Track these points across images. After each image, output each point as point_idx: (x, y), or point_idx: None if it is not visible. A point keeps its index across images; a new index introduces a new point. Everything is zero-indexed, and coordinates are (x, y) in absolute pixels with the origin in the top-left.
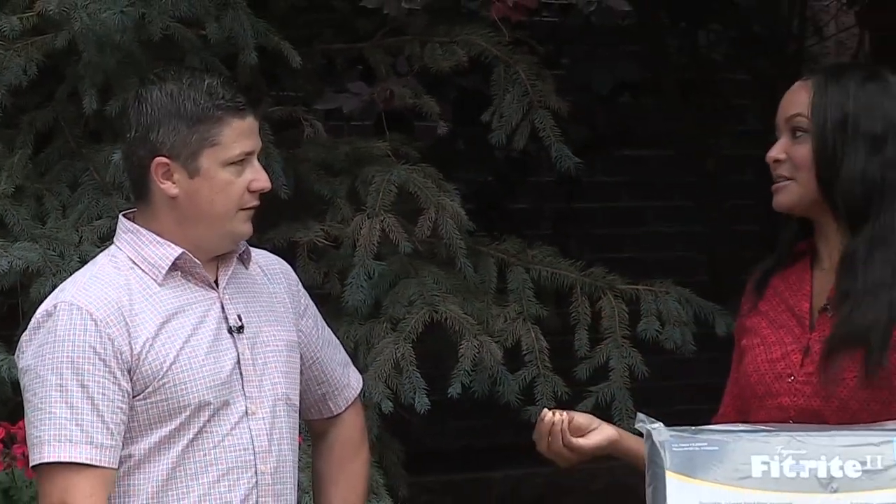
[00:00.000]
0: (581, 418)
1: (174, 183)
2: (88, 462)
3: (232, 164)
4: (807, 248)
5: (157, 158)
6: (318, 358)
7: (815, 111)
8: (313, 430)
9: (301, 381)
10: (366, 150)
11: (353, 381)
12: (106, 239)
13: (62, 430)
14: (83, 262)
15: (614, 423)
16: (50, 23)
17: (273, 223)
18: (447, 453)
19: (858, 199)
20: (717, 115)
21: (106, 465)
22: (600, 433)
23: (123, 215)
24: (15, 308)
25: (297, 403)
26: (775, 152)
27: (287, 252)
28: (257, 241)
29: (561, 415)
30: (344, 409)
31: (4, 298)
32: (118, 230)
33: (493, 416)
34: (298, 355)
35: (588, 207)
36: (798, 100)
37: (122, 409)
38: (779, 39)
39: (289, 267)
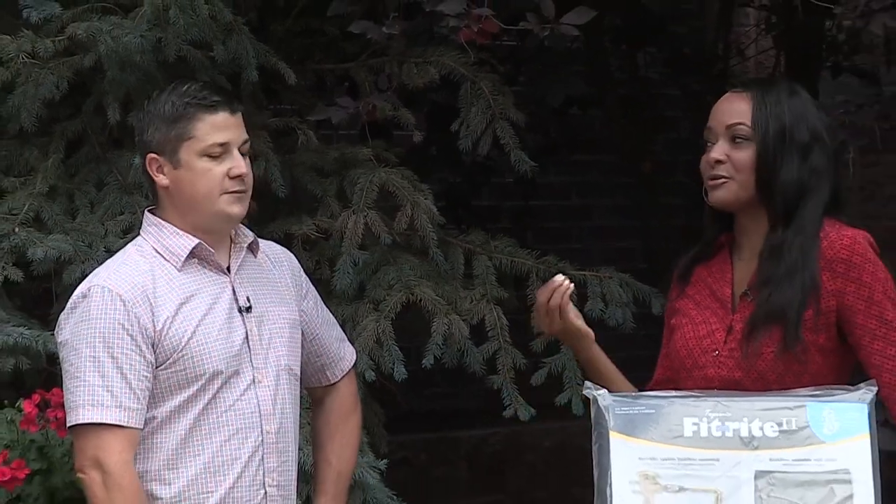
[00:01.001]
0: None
1: (164, 175)
2: (118, 423)
3: (207, 154)
4: (726, 241)
5: (149, 155)
6: (317, 334)
7: (758, 122)
8: (313, 396)
9: (302, 354)
10: (352, 156)
11: (347, 355)
12: (128, 232)
13: (95, 395)
14: (108, 252)
15: (564, 391)
16: (79, 45)
17: (272, 217)
18: (422, 416)
19: (791, 198)
20: (653, 126)
21: (133, 426)
22: (584, 324)
23: (148, 211)
24: (49, 291)
25: (299, 373)
26: (717, 154)
27: (284, 243)
28: (259, 232)
29: (569, 284)
30: (339, 378)
31: (40, 283)
32: (143, 223)
33: (461, 383)
34: (300, 332)
35: (542, 205)
36: (738, 109)
37: (146, 377)
38: (706, 60)
39: (292, 256)
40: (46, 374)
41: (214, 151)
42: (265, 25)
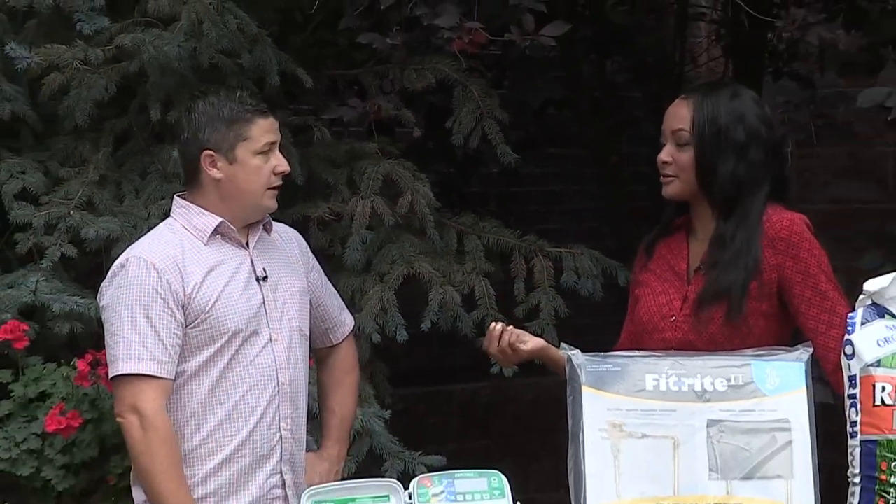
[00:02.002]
0: (519, 331)
1: (218, 169)
2: (152, 374)
3: (260, 153)
4: (683, 222)
5: (205, 151)
6: (321, 302)
7: (695, 127)
8: (318, 356)
9: (310, 319)
10: (360, 149)
11: (347, 321)
12: (168, 214)
13: (132, 350)
14: None
15: None
16: (125, 53)
17: (292, 202)
18: (420, 372)
19: (729, 194)
20: (619, 124)
21: (165, 377)
22: (533, 342)
23: (177, 195)
24: (100, 266)
25: (308, 335)
26: (664, 156)
27: (302, 224)
28: (280, 215)
29: (505, 326)
30: (340, 340)
31: (92, 258)
32: (174, 206)
33: (454, 344)
34: (308, 299)
35: (523, 191)
36: (681, 115)
37: (177, 334)
38: (665, 67)
39: (299, 235)
40: (97, 336)
41: (265, 150)
42: (285, 37)
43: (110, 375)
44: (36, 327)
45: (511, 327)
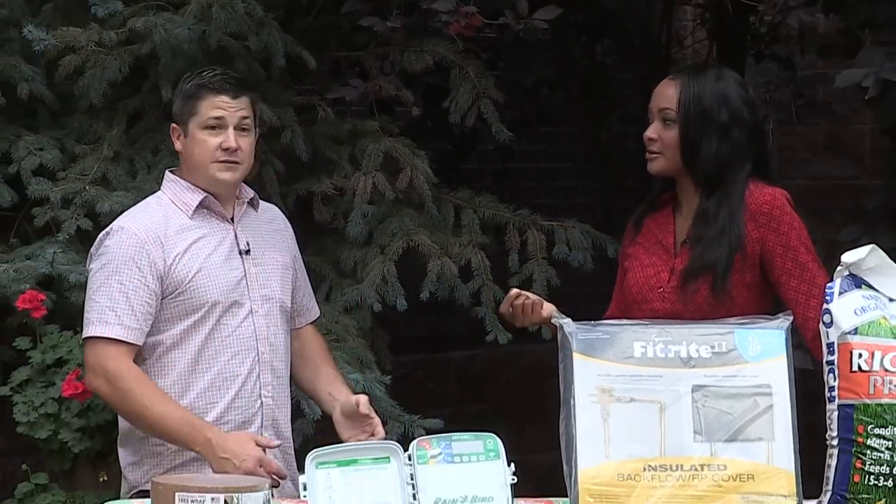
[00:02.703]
0: (537, 297)
1: (180, 142)
2: (117, 337)
3: (206, 128)
4: (670, 198)
5: (172, 125)
6: (296, 286)
7: (681, 106)
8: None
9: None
10: (362, 127)
11: (312, 310)
12: None
13: (102, 314)
14: None
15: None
16: (137, 36)
17: (297, 178)
18: (419, 340)
19: (712, 172)
20: (608, 103)
21: (131, 341)
22: (548, 309)
23: (168, 170)
24: None
25: (289, 308)
26: (650, 133)
27: (306, 199)
28: (286, 190)
29: (521, 292)
30: (302, 325)
31: (102, 233)
32: (164, 180)
33: (451, 313)
34: (291, 274)
35: (517, 167)
36: (667, 94)
37: (149, 303)
38: (651, 49)
39: (288, 222)
40: None
41: (210, 124)
42: (291, 20)
43: (81, 338)
44: (53, 297)
45: (529, 294)
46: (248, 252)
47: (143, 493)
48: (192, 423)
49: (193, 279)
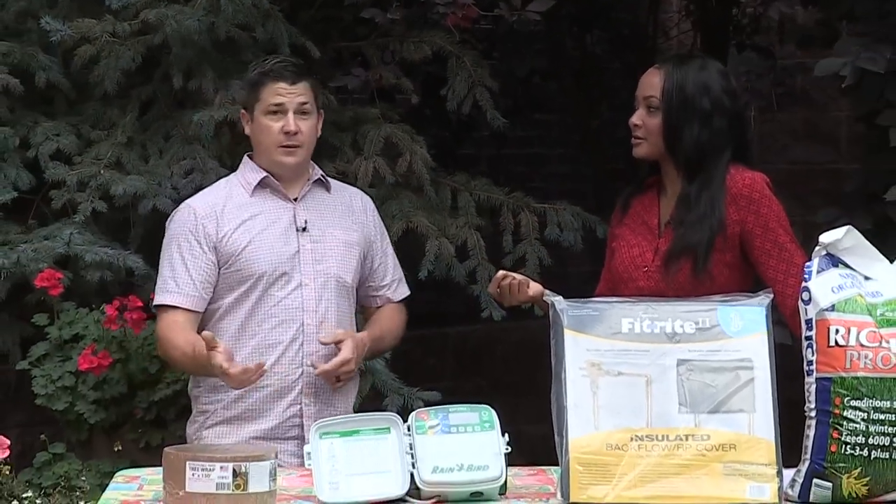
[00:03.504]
0: (524, 277)
1: (248, 126)
2: (178, 305)
3: (269, 113)
4: (655, 181)
5: (241, 111)
6: (374, 266)
7: (664, 94)
8: (364, 314)
9: (359, 271)
10: (363, 114)
11: (396, 292)
12: (189, 173)
13: (165, 283)
14: (175, 189)
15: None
16: (150, 27)
17: None
18: (418, 316)
19: (693, 158)
20: (598, 92)
21: (191, 308)
22: (535, 288)
23: (246, 154)
24: (127, 220)
25: (350, 283)
26: (635, 119)
27: None
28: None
29: (508, 273)
30: (380, 305)
31: (120, 213)
32: (241, 163)
33: (448, 291)
34: (357, 251)
35: (511, 153)
36: (652, 83)
37: (207, 271)
38: (639, 39)
39: (370, 201)
40: (125, 284)
41: (272, 109)
42: (295, 12)
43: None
44: (69, 275)
45: (516, 274)
46: (305, 229)
47: None
48: (195, 349)
49: (243, 252)
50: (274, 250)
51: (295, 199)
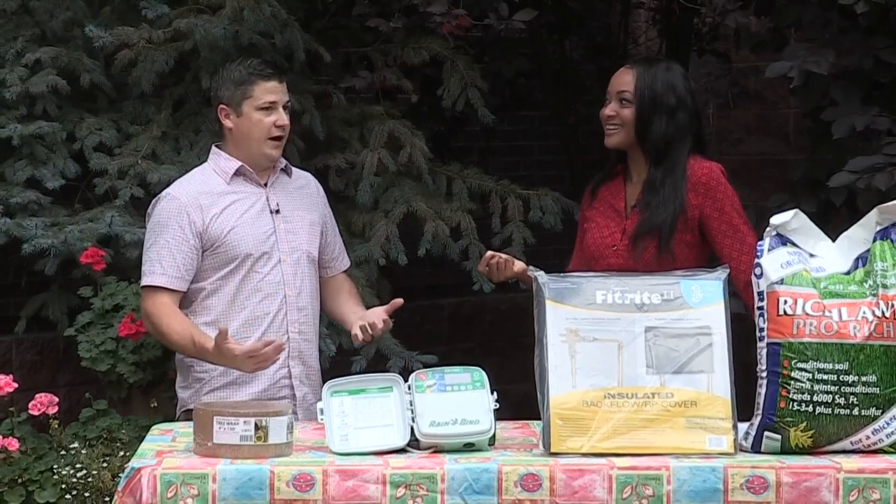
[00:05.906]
0: (508, 256)
1: (230, 121)
2: (161, 285)
3: (261, 109)
4: (621, 169)
5: (220, 106)
6: (328, 242)
7: (637, 91)
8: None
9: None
10: (369, 111)
11: (343, 261)
12: None
13: (151, 266)
14: None
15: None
16: (181, 34)
17: (315, 154)
18: (416, 289)
19: (660, 147)
20: (575, 91)
21: (174, 288)
22: (518, 265)
23: (214, 144)
24: None
25: (316, 258)
26: (609, 111)
27: (323, 171)
28: (306, 164)
29: (495, 252)
30: (334, 274)
31: (154, 198)
32: (210, 153)
33: (443, 266)
34: (320, 230)
35: (500, 145)
36: (625, 79)
37: (190, 256)
38: (611, 45)
39: (319, 185)
40: None
41: (265, 106)
42: (310, 22)
43: (140, 287)
44: (111, 253)
45: (502, 254)
46: (277, 211)
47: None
48: (194, 341)
49: (228, 235)
50: (255, 231)
51: (265, 185)
